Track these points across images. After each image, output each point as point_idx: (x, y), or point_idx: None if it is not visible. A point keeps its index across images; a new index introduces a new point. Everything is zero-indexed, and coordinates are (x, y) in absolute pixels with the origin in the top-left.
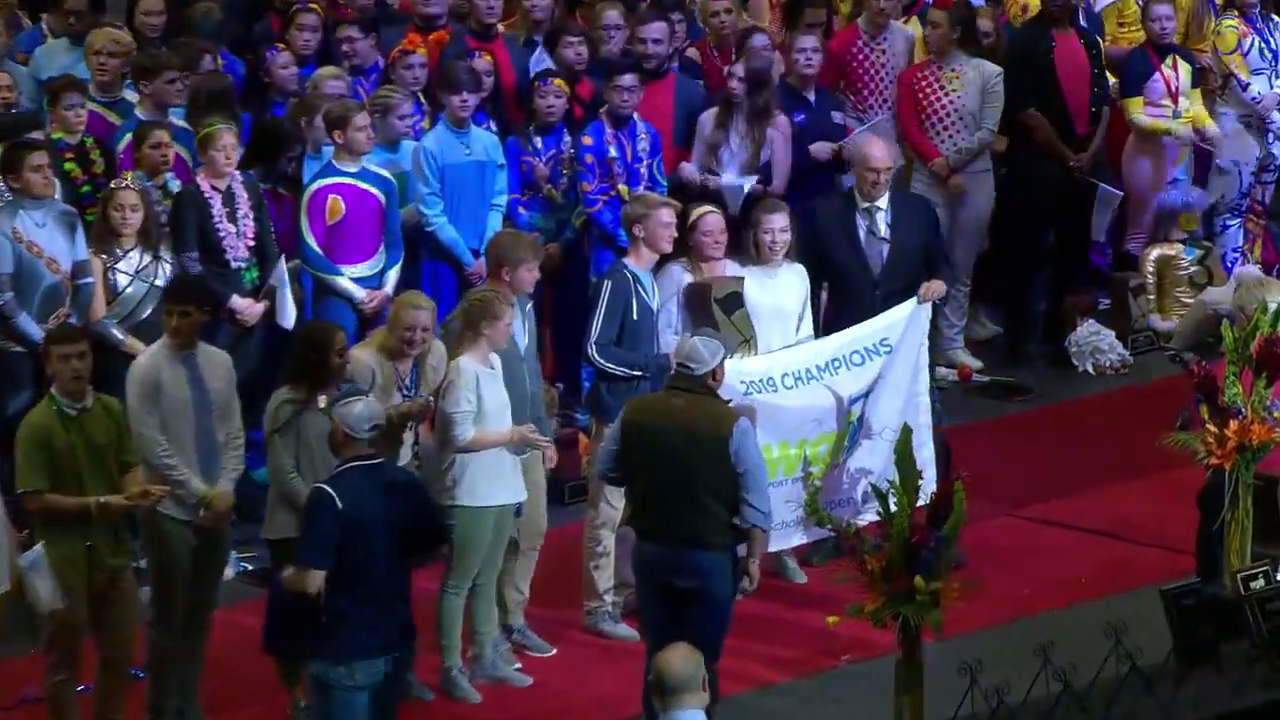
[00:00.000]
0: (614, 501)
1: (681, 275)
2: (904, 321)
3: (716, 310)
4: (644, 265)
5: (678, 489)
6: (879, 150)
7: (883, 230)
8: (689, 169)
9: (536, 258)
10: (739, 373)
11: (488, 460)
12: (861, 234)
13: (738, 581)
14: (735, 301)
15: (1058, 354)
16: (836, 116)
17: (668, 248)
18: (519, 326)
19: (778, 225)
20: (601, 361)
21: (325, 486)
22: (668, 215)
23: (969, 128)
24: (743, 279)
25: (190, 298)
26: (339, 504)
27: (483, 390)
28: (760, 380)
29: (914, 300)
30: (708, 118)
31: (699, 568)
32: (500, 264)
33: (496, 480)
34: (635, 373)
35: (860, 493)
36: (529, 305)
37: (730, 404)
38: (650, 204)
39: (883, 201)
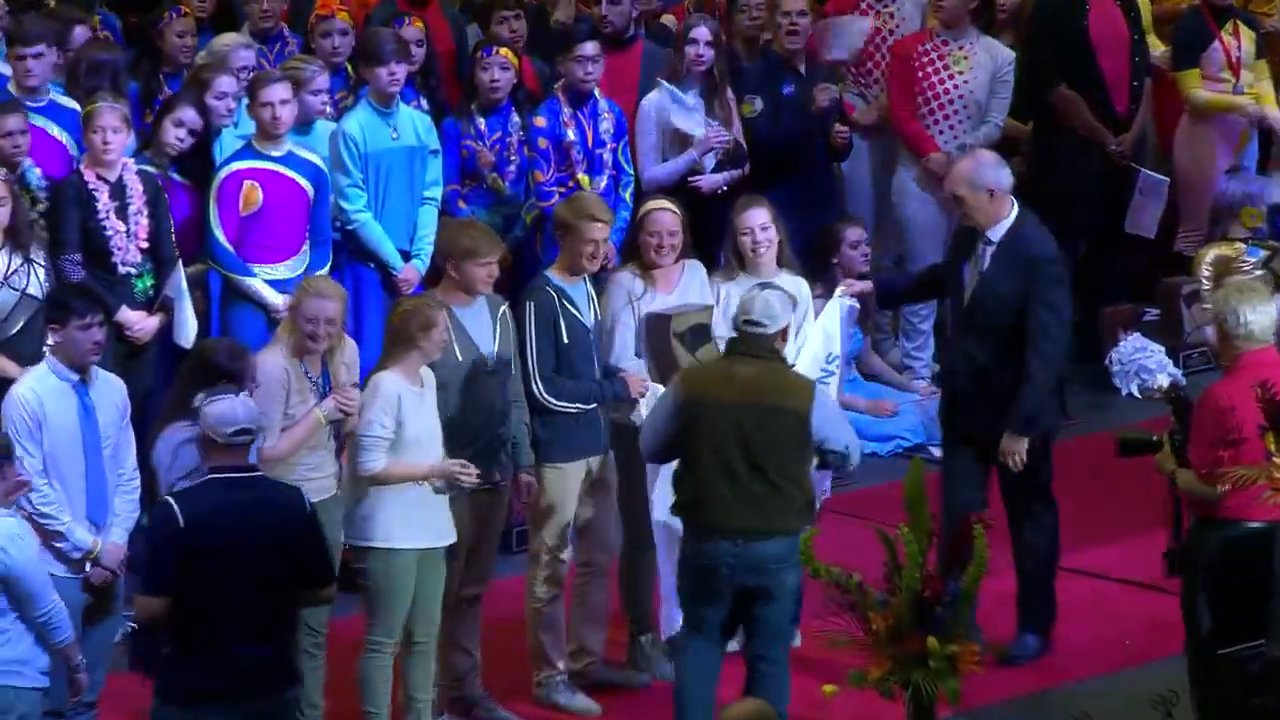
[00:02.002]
0: (562, 554)
1: (632, 283)
2: (837, 324)
3: (677, 346)
4: (571, 276)
5: (746, 474)
6: (955, 168)
7: (985, 263)
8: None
9: (493, 251)
10: None
11: (407, 495)
12: (970, 259)
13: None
14: (700, 335)
15: (1095, 374)
16: (832, 90)
17: (590, 268)
18: (488, 333)
19: (758, 222)
20: (552, 400)
21: (170, 500)
22: (598, 232)
23: (973, 119)
24: (710, 308)
25: (102, 302)
26: (180, 521)
27: (405, 414)
28: None
29: (837, 296)
30: (657, 103)
31: (768, 561)
32: (446, 260)
33: (417, 519)
34: (589, 406)
35: None
36: (502, 308)
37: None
38: (580, 211)
39: (995, 233)
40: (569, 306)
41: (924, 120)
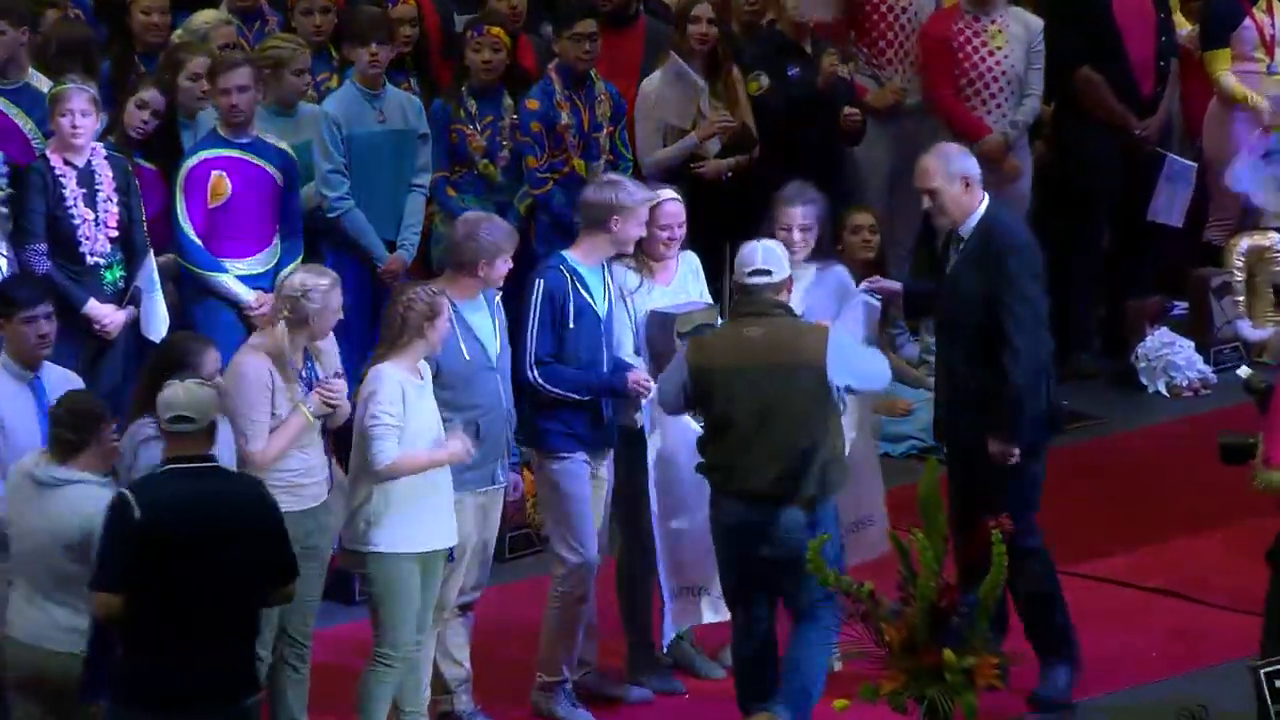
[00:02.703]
0: (585, 553)
1: (625, 276)
2: (860, 325)
3: (681, 346)
4: (591, 260)
5: (767, 438)
6: (923, 162)
7: (953, 259)
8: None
9: (515, 244)
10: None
11: (416, 495)
12: (949, 255)
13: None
14: (704, 332)
15: (1121, 371)
16: (841, 72)
17: (630, 249)
18: (490, 327)
19: (799, 220)
20: (545, 385)
21: (126, 492)
22: (647, 210)
23: (1015, 95)
24: (714, 308)
25: (48, 293)
26: (136, 514)
27: (408, 407)
28: None
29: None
30: (656, 86)
31: (786, 530)
32: (477, 258)
33: (427, 520)
34: (585, 397)
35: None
36: (496, 298)
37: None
38: (628, 190)
39: (965, 228)
40: (581, 290)
41: (968, 102)
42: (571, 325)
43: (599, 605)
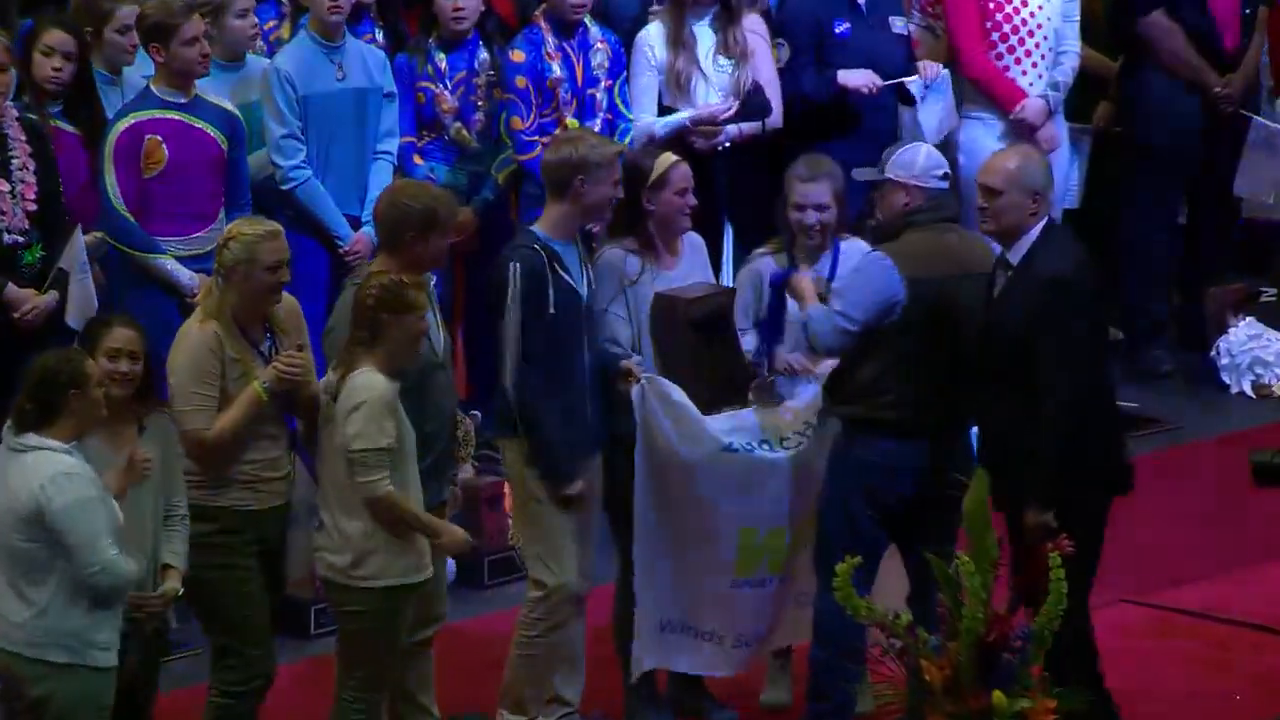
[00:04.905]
0: (561, 571)
1: (625, 262)
2: None
3: (690, 334)
4: (563, 234)
5: (988, 359)
6: (997, 160)
7: (999, 288)
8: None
9: (452, 219)
10: (731, 426)
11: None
12: (995, 283)
13: None
14: (718, 322)
15: (1200, 367)
16: (897, 25)
17: (604, 214)
18: (431, 318)
19: (813, 199)
20: (522, 406)
21: None
22: (617, 167)
23: (1053, 51)
24: (730, 291)
25: None
26: None
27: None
28: (752, 440)
29: None
30: (651, 36)
31: (960, 459)
32: (403, 229)
33: (417, 550)
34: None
35: None
36: (431, 284)
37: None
38: (602, 148)
39: (1016, 251)
40: (560, 271)
41: (1000, 61)
42: (552, 310)
43: (576, 634)
